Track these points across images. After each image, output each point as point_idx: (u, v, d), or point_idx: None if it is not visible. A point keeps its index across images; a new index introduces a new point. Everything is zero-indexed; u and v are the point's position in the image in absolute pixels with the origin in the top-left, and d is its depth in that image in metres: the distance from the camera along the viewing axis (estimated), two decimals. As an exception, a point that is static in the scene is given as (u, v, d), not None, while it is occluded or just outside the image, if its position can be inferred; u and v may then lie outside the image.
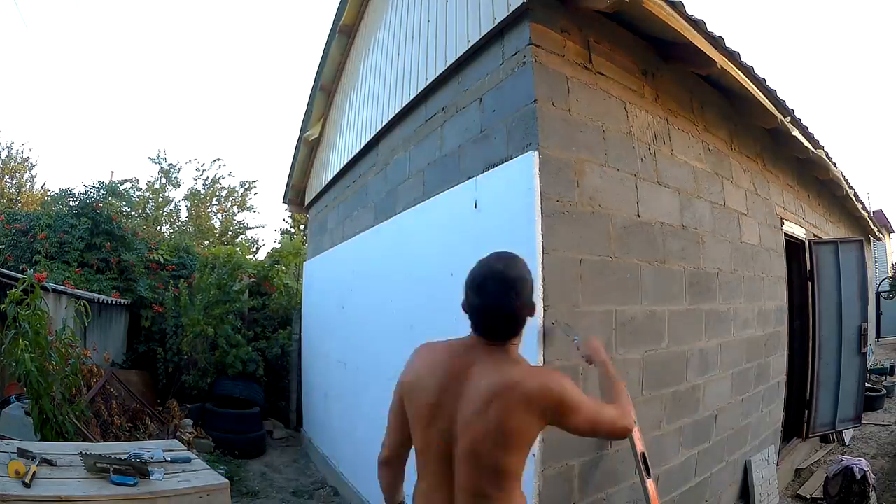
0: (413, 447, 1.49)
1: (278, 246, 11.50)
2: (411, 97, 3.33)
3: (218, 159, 16.19)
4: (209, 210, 13.35)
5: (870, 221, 7.68)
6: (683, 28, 2.41)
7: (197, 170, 13.04)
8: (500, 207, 2.37)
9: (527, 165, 2.17)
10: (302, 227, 13.52)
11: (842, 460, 3.75)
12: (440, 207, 2.89)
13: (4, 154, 12.88)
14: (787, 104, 3.40)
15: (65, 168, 26.12)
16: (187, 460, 2.41)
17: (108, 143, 28.12)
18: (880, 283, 11.10)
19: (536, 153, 2.16)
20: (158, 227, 11.99)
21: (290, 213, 13.45)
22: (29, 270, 3.53)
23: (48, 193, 11.38)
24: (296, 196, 6.66)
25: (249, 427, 5.54)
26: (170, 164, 12.47)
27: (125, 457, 2.22)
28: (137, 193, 11.68)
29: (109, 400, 4.20)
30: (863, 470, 3.54)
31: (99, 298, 5.49)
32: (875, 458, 4.76)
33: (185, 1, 35.48)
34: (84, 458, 2.14)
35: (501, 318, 1.40)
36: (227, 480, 2.30)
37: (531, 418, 1.34)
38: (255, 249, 13.23)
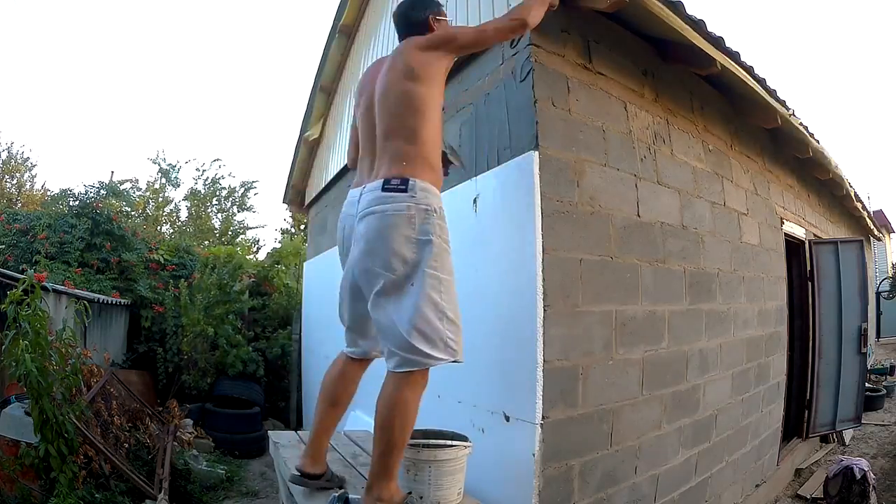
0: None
1: (278, 246, 11.50)
2: (411, 97, 3.33)
3: (217, 159, 16.20)
4: (209, 210, 13.36)
5: (870, 221, 7.68)
6: (683, 28, 2.41)
7: (197, 170, 13.08)
8: (499, 207, 2.38)
9: (527, 165, 2.18)
10: (302, 227, 13.52)
11: (842, 460, 3.75)
12: (440, 207, 2.88)
13: (4, 154, 12.91)
14: (787, 104, 3.40)
15: (65, 168, 26.13)
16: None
17: (108, 143, 28.15)
18: (880, 283, 11.10)
19: (536, 153, 2.16)
20: (158, 227, 12.01)
21: (290, 213, 13.44)
22: (29, 270, 3.54)
23: (48, 193, 11.40)
24: (296, 196, 6.66)
25: (249, 427, 5.54)
26: (169, 165, 12.48)
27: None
28: (137, 193, 11.71)
29: (109, 400, 4.19)
30: (863, 470, 3.54)
31: (99, 298, 5.48)
32: (875, 458, 4.76)
33: (186, 1, 35.50)
34: None
35: (399, 20, 2.05)
36: None
37: (435, 53, 1.81)
38: (255, 249, 13.24)
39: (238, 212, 13.69)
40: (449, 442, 1.97)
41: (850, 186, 5.60)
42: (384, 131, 1.81)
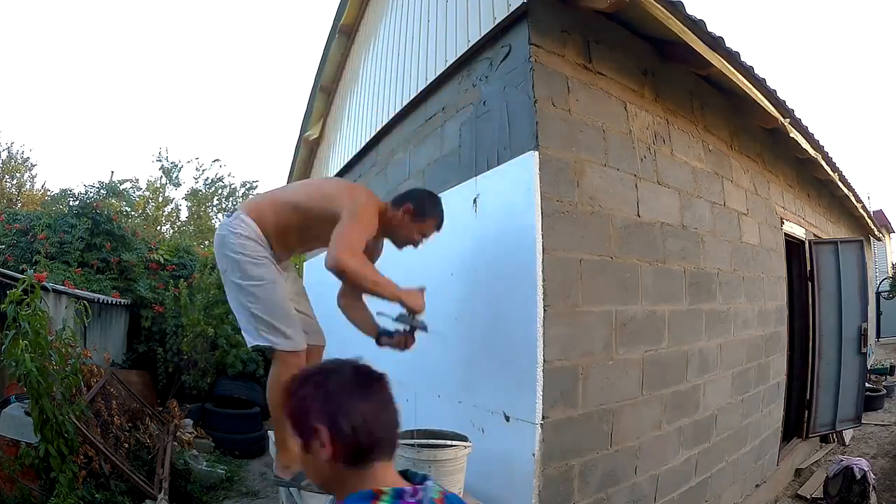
0: None
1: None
2: (411, 97, 3.33)
3: (217, 159, 16.20)
4: (209, 210, 13.36)
5: (870, 221, 7.68)
6: (682, 29, 2.41)
7: (197, 169, 13.08)
8: (499, 207, 2.38)
9: (527, 165, 2.17)
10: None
11: (842, 460, 3.75)
12: (440, 207, 2.88)
13: (4, 154, 12.92)
14: (787, 104, 3.40)
15: (65, 168, 26.16)
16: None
17: (108, 143, 28.16)
18: (880, 283, 11.10)
19: (536, 153, 2.16)
20: (158, 227, 12.01)
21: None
22: (29, 270, 3.53)
23: (48, 193, 11.41)
24: (296, 196, 6.64)
25: (249, 427, 5.53)
26: (171, 164, 12.49)
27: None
28: (137, 193, 11.72)
29: (109, 400, 4.19)
30: (863, 470, 3.54)
31: (99, 298, 5.48)
32: (875, 458, 4.76)
33: (186, 1, 35.51)
34: None
35: None
36: None
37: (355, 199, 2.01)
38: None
39: (238, 211, 13.67)
40: (449, 442, 1.97)
41: (850, 187, 5.61)
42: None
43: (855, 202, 6.17)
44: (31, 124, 26.37)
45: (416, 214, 2.15)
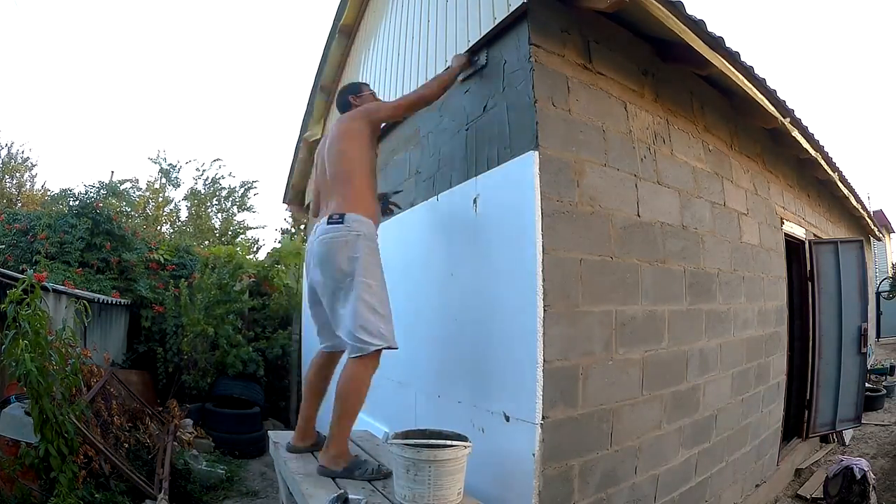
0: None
1: (278, 246, 11.49)
2: (411, 97, 3.33)
3: (218, 159, 16.15)
4: (209, 210, 13.35)
5: (870, 221, 7.68)
6: (683, 29, 2.41)
7: (197, 170, 13.05)
8: (500, 207, 2.38)
9: (527, 165, 2.18)
10: (302, 226, 13.50)
11: (842, 460, 3.75)
12: (440, 207, 2.89)
13: (4, 154, 12.88)
14: (787, 104, 3.40)
15: (65, 168, 26.10)
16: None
17: (108, 143, 28.12)
18: (880, 283, 11.10)
19: (536, 153, 2.16)
20: (158, 227, 12.00)
21: (290, 214, 13.42)
22: (29, 270, 3.53)
23: (48, 193, 11.38)
24: (296, 196, 6.65)
25: (249, 427, 5.53)
26: (170, 165, 12.48)
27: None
28: (137, 193, 11.71)
29: (109, 400, 4.19)
30: (863, 470, 3.54)
31: (99, 298, 5.47)
32: (875, 458, 4.76)
33: (186, 1, 35.53)
34: None
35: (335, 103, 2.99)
36: None
37: (354, 123, 2.48)
38: (255, 249, 13.23)
39: (238, 212, 13.68)
40: (449, 442, 1.97)
41: (850, 187, 5.61)
42: (331, 181, 2.44)
43: (855, 202, 6.17)
44: (31, 124, 26.35)
45: (357, 96, 2.72)
